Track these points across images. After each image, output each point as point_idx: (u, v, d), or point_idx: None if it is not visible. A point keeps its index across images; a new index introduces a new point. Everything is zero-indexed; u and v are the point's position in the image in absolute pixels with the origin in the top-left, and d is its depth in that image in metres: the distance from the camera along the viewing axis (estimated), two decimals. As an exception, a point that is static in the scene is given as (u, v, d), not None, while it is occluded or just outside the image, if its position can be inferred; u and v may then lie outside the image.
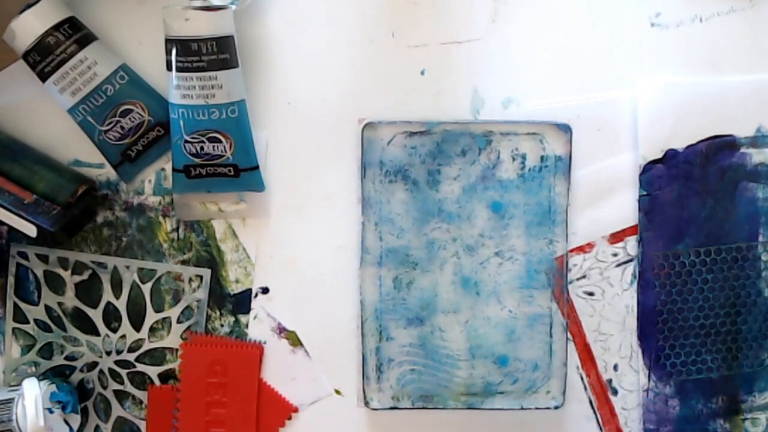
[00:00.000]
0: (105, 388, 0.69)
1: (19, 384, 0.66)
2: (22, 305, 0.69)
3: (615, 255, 0.67)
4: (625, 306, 0.68)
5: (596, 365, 0.68)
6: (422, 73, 0.67)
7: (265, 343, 0.69)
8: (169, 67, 0.62)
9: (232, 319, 0.69)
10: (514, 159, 0.66)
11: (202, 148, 0.64)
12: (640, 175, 0.67)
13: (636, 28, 0.66)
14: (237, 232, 0.68)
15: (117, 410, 0.70)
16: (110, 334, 0.69)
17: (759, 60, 0.67)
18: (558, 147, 0.66)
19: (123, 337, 0.69)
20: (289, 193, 0.67)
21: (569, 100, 0.67)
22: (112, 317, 0.69)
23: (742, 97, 0.66)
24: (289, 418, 0.69)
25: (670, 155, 0.67)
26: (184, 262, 0.68)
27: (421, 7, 0.66)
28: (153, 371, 0.69)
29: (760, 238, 0.67)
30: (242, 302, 0.68)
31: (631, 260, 0.67)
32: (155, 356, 0.69)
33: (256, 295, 0.68)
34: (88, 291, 0.69)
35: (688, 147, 0.67)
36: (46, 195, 0.64)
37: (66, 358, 0.69)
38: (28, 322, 0.69)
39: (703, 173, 0.67)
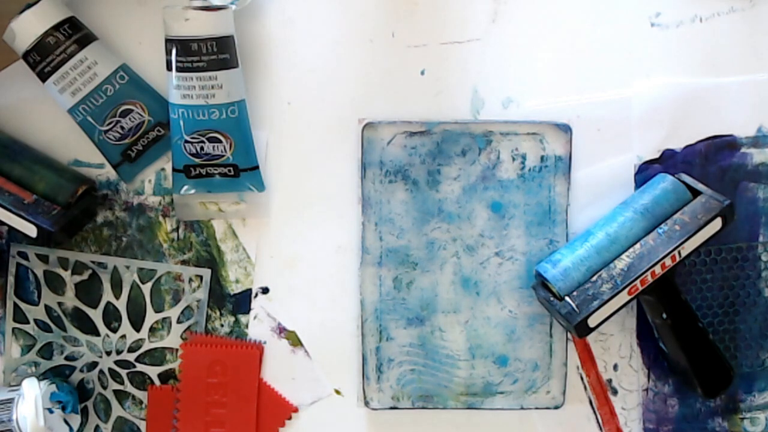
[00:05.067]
0: (105, 388, 0.69)
1: (19, 384, 0.66)
2: (22, 305, 0.69)
3: (615, 255, 0.67)
4: (625, 306, 0.68)
5: (596, 365, 0.68)
6: (422, 73, 0.67)
7: (265, 343, 0.69)
8: (169, 67, 0.62)
9: (232, 319, 0.69)
10: (514, 159, 0.66)
11: (202, 148, 0.64)
12: (636, 174, 0.67)
13: (636, 28, 0.66)
14: (237, 232, 0.68)
15: (117, 410, 0.70)
16: (110, 334, 0.69)
17: (759, 60, 0.67)
18: (558, 147, 0.66)
19: (123, 337, 0.69)
20: (289, 193, 0.67)
21: (569, 100, 0.67)
22: (112, 317, 0.69)
23: (742, 97, 0.66)
24: (289, 418, 0.69)
25: (668, 155, 0.67)
26: (184, 262, 0.68)
27: (421, 7, 0.66)
28: (153, 371, 0.69)
29: (761, 238, 0.68)
30: (242, 302, 0.68)
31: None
32: (155, 356, 0.69)
33: (256, 295, 0.68)
34: (88, 291, 0.69)
35: (686, 147, 0.67)
36: (46, 195, 0.64)
37: (66, 358, 0.69)
38: (28, 322, 0.69)
39: (703, 173, 0.67)
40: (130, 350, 0.69)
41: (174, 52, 0.61)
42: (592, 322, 0.61)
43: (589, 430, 0.69)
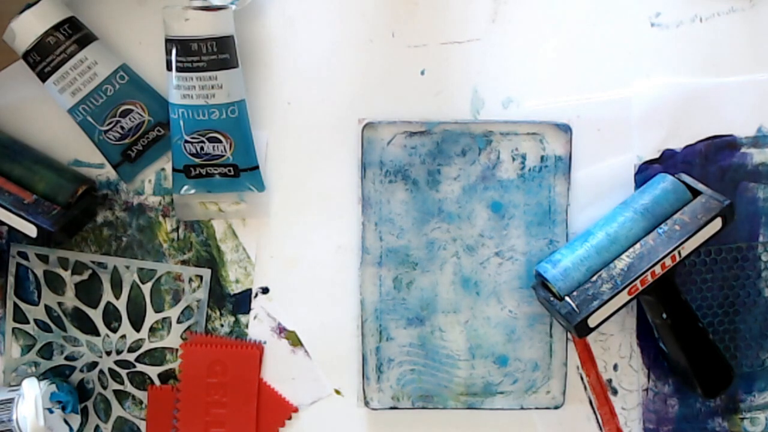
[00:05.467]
0: (105, 388, 0.69)
1: (19, 384, 0.66)
2: (22, 305, 0.69)
3: (615, 255, 0.67)
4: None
5: (596, 365, 0.68)
6: (422, 73, 0.67)
7: (265, 343, 0.69)
8: (169, 67, 0.62)
9: (232, 319, 0.69)
10: (514, 159, 0.66)
11: (202, 148, 0.64)
12: (636, 174, 0.67)
13: (636, 28, 0.66)
14: (237, 232, 0.68)
15: (117, 410, 0.70)
16: (110, 334, 0.69)
17: (759, 60, 0.67)
18: (558, 147, 0.66)
19: (123, 337, 0.69)
20: (289, 193, 0.67)
21: (569, 100, 0.67)
22: (112, 317, 0.69)
23: (742, 97, 0.66)
24: (289, 418, 0.69)
25: (668, 155, 0.67)
26: (184, 262, 0.68)
27: (421, 7, 0.66)
28: (153, 371, 0.69)
29: (761, 238, 0.68)
30: (242, 302, 0.68)
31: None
32: (155, 356, 0.69)
33: (256, 295, 0.68)
34: (88, 291, 0.69)
35: (686, 147, 0.67)
36: (46, 195, 0.64)
37: (66, 358, 0.69)
38: (28, 322, 0.69)
39: (703, 173, 0.67)
40: (130, 350, 0.69)
41: (174, 52, 0.61)
42: (592, 322, 0.61)
43: (589, 430, 0.69)
